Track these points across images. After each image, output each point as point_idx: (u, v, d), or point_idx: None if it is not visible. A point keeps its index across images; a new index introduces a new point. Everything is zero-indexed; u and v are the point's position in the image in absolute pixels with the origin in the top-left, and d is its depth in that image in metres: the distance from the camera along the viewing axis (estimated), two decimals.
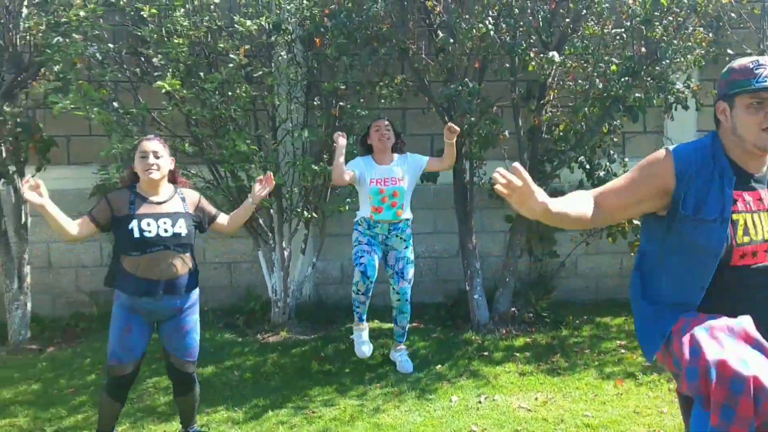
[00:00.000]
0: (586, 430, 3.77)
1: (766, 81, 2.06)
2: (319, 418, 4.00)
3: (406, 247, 4.60)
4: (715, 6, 5.33)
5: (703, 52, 5.51)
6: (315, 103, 5.36)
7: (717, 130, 2.23)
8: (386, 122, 4.56)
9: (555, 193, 6.10)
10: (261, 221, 5.52)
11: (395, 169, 4.50)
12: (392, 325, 4.88)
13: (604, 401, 4.14)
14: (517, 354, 4.96)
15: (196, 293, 3.48)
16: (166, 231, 3.26)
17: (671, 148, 2.22)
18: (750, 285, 2.12)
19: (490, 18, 4.62)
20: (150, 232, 3.24)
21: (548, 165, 5.61)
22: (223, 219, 3.64)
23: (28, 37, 4.92)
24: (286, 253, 5.55)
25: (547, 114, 5.52)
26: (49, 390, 4.46)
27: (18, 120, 5.08)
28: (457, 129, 4.35)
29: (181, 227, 3.31)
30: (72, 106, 4.59)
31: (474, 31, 4.54)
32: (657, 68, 5.16)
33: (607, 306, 6.16)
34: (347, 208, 5.40)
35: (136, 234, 3.22)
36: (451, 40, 4.77)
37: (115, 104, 4.95)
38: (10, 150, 5.18)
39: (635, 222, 5.73)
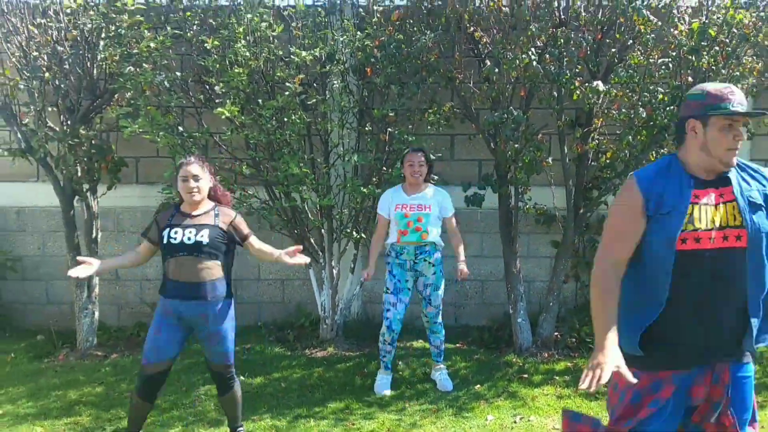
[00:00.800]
0: None
1: (739, 107, 2.28)
2: (358, 430, 4.18)
3: (434, 273, 4.77)
4: (766, 35, 5.33)
5: (754, 81, 5.51)
6: (367, 128, 5.60)
7: (679, 145, 2.44)
8: (421, 157, 4.73)
9: (601, 219, 6.18)
10: (312, 241, 5.78)
11: (423, 198, 4.71)
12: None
13: None
14: (557, 377, 5.03)
15: (225, 303, 3.70)
16: (189, 239, 3.54)
17: (634, 173, 2.45)
18: (707, 268, 2.31)
19: (533, 49, 4.76)
20: (175, 239, 3.55)
21: (595, 191, 5.70)
22: (254, 241, 3.83)
23: (103, 66, 5.33)
24: (335, 272, 5.78)
25: (594, 142, 5.60)
26: (110, 393, 4.79)
27: (92, 142, 5.51)
28: (465, 276, 4.68)
29: (203, 236, 3.56)
30: (140, 130, 4.98)
31: (517, 61, 4.70)
32: None
33: None
34: None
35: (165, 240, 3.56)
36: (496, 70, 4.95)
37: (180, 128, 5.32)
38: (84, 169, 5.59)
39: None
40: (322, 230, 5.73)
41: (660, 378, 2.38)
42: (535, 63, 4.72)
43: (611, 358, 2.23)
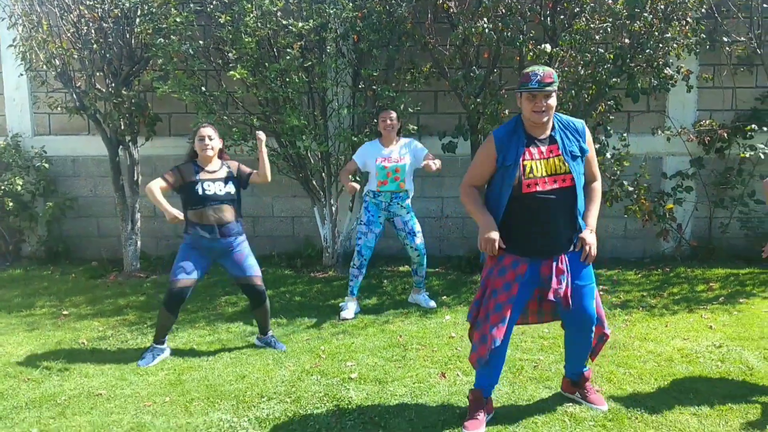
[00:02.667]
0: (540, 340, 4.88)
1: (536, 85, 3.26)
2: (342, 324, 5.33)
3: (408, 213, 5.64)
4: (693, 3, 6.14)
5: (693, 41, 6.38)
6: (360, 86, 6.65)
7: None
8: (392, 114, 5.56)
9: None
10: (314, 183, 6.90)
11: (399, 151, 5.56)
12: (408, 268, 6.09)
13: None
14: None
15: (242, 235, 4.77)
16: (220, 190, 4.60)
17: (493, 132, 3.46)
18: (541, 202, 3.35)
19: (485, 19, 5.71)
20: (209, 191, 4.58)
21: None
22: (255, 174, 4.83)
23: (139, 38, 6.47)
24: (334, 209, 6.91)
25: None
26: (150, 301, 6.04)
27: (132, 101, 6.68)
28: (433, 167, 5.38)
29: (230, 188, 4.65)
30: (170, 90, 6.12)
31: (473, 29, 5.68)
32: (640, 56, 6.10)
33: (611, 262, 7.15)
34: None
35: (200, 192, 4.56)
36: (460, 36, 5.94)
37: (203, 89, 6.44)
38: (126, 124, 6.78)
39: (629, 188, 6.72)
40: (323, 174, 6.84)
41: (518, 259, 3.46)
42: (487, 30, 5.68)
43: (495, 232, 3.33)
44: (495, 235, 3.34)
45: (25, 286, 6.62)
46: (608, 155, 6.69)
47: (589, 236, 3.48)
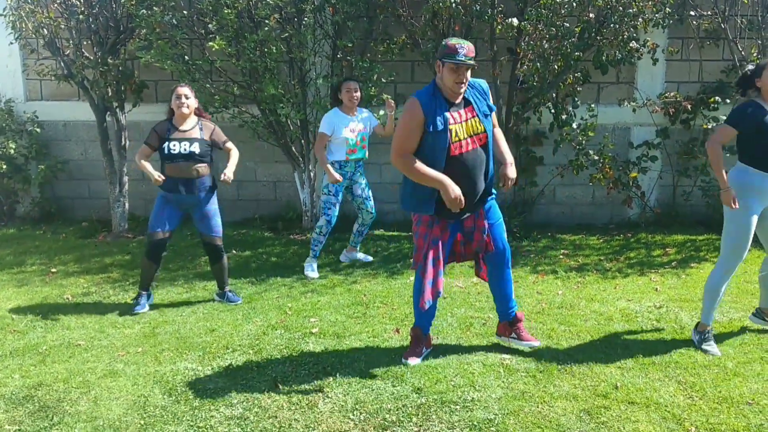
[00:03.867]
0: (492, 300, 5.21)
1: (462, 58, 3.55)
2: (312, 283, 5.69)
3: (363, 178, 5.99)
4: None
5: (659, 16, 6.59)
6: (338, 57, 6.90)
7: (436, 77, 3.72)
8: (356, 85, 5.74)
9: (537, 134, 7.43)
10: (294, 149, 7.19)
11: (361, 120, 5.83)
12: (394, 232, 6.47)
13: (521, 286, 5.56)
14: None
15: (212, 192, 5.12)
16: (185, 149, 4.92)
17: (416, 95, 3.70)
18: (466, 163, 3.71)
19: None
20: (174, 150, 4.92)
21: (524, 109, 6.96)
22: (228, 147, 5.19)
23: (125, 8, 6.71)
24: (312, 175, 7.22)
25: (523, 68, 6.79)
26: (135, 260, 6.40)
27: (119, 69, 6.95)
28: (393, 104, 5.65)
29: (195, 148, 4.94)
30: (152, 59, 6.38)
31: (441, 4, 5.91)
32: (605, 30, 6.33)
33: (579, 228, 7.47)
34: None
35: (166, 151, 4.92)
36: (431, 9, 6.17)
37: (186, 58, 6.70)
38: (113, 91, 7.06)
39: (594, 157, 7.01)
40: (302, 141, 7.12)
41: (447, 223, 3.87)
42: (454, 5, 5.91)
43: (457, 188, 3.62)
44: (459, 191, 3.62)
45: (18, 245, 6.99)
46: (575, 125, 6.96)
47: (510, 169, 3.86)
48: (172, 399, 3.64)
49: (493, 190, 3.96)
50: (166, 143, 4.95)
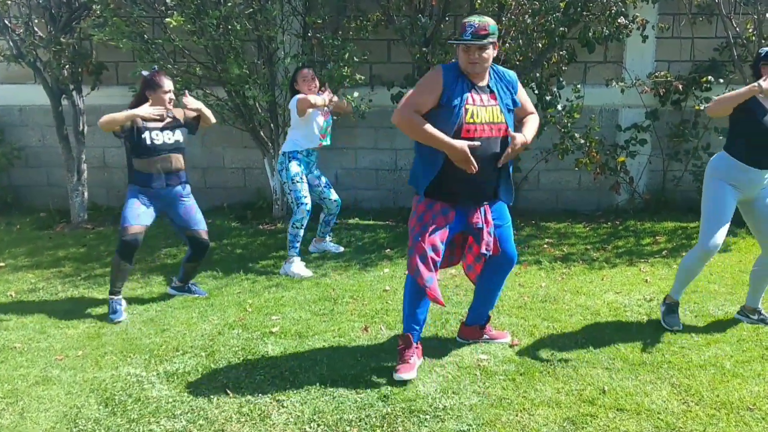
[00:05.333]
0: (473, 294, 4.83)
1: (470, 37, 3.23)
2: (277, 277, 5.29)
3: (317, 168, 5.60)
4: None
5: None
6: (308, 34, 6.47)
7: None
8: (311, 72, 5.34)
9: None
10: (263, 134, 6.76)
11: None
12: (370, 221, 6.12)
13: None
14: None
15: (188, 185, 4.70)
16: (169, 139, 4.50)
17: (442, 66, 3.40)
18: (473, 150, 3.30)
19: None
20: (158, 140, 4.46)
21: None
22: (198, 109, 4.69)
23: None
24: None
25: (505, 45, 6.38)
26: (90, 252, 5.98)
27: (74, 48, 6.49)
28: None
29: (179, 136, 4.55)
30: (107, 37, 5.92)
31: None
32: (592, 5, 5.93)
33: (564, 215, 7.10)
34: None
35: (148, 143, 4.43)
36: None
37: (146, 36, 6.25)
38: (69, 72, 6.60)
39: (580, 141, 6.63)
40: (271, 124, 6.70)
41: (447, 206, 3.46)
42: None
43: (463, 147, 3.25)
44: (466, 147, 3.27)
45: None
46: (559, 107, 6.58)
47: (520, 136, 3.41)
48: (108, 410, 3.25)
49: (507, 197, 3.67)
50: (147, 133, 4.44)
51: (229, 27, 5.99)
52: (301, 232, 5.46)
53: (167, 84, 4.54)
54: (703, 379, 3.48)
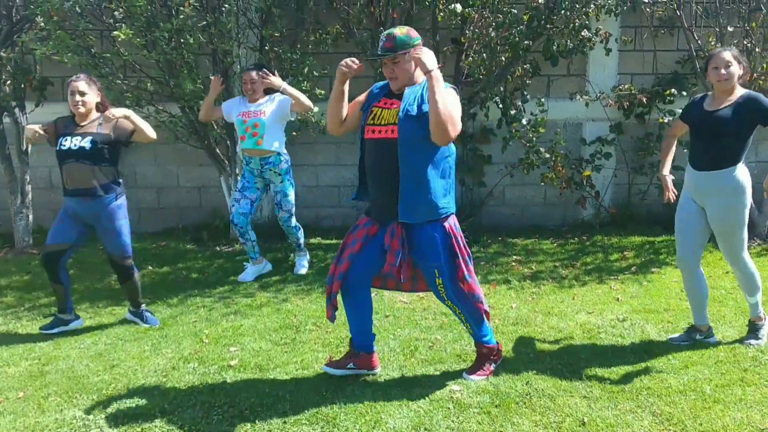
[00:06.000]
0: (441, 317, 4.64)
1: (379, 51, 3.23)
2: (236, 304, 5.01)
3: (282, 181, 5.33)
4: None
5: (612, 2, 6.13)
6: (266, 48, 6.22)
7: None
8: (252, 75, 5.20)
9: (484, 131, 6.90)
10: (219, 151, 6.49)
11: (260, 106, 5.22)
12: (332, 240, 5.96)
13: None
14: None
15: (116, 202, 4.33)
16: (75, 145, 4.19)
17: (377, 84, 3.46)
18: (372, 150, 3.32)
19: None
20: (65, 146, 4.20)
21: (470, 105, 6.41)
22: (138, 134, 4.35)
23: None
24: (240, 178, 6.51)
25: (469, 59, 6.24)
26: (35, 280, 5.60)
27: (16, 63, 6.13)
28: (272, 82, 5.09)
29: (86, 142, 4.19)
30: (50, 51, 5.59)
31: None
32: (556, 18, 5.83)
33: (530, 231, 6.97)
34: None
35: (58, 146, 4.22)
36: None
37: (93, 50, 5.93)
38: (11, 88, 6.24)
39: (545, 155, 6.51)
40: (228, 141, 6.44)
41: (370, 219, 3.44)
42: None
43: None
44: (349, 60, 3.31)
45: None
46: (524, 121, 6.45)
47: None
48: None
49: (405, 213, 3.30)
50: (60, 139, 4.25)
51: (182, 40, 5.73)
52: (243, 242, 5.48)
53: (75, 85, 4.27)
54: (684, 406, 3.33)
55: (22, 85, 6.30)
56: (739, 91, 3.80)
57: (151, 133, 4.39)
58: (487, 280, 5.45)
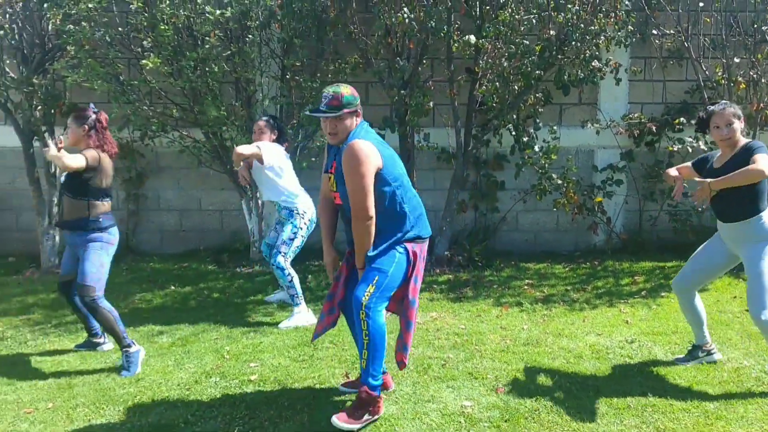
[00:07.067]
0: (454, 337, 4.78)
1: (323, 108, 3.36)
2: (256, 322, 5.17)
3: (286, 224, 5.18)
4: None
5: (622, 34, 6.32)
6: (287, 77, 6.47)
7: None
8: (260, 123, 5.29)
9: (497, 158, 7.08)
10: None
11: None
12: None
13: (484, 320, 5.16)
14: (436, 286, 6.01)
15: (90, 235, 4.21)
16: (62, 179, 4.35)
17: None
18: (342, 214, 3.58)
19: (406, 9, 5.57)
20: (61, 179, 4.39)
21: (484, 132, 6.61)
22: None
23: (51, 24, 6.19)
24: (261, 203, 6.74)
25: (482, 88, 6.43)
26: (61, 299, 5.75)
27: (47, 89, 6.41)
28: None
29: (65, 177, 4.27)
30: (80, 79, 5.86)
31: (393, 19, 5.54)
32: (567, 49, 6.02)
33: (543, 256, 7.11)
34: (305, 165, 6.47)
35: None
36: (387, 25, 5.79)
37: (121, 78, 6.20)
38: (42, 113, 6.51)
39: (558, 181, 6.67)
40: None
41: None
42: (408, 20, 5.54)
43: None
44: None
45: None
46: (536, 148, 6.63)
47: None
48: None
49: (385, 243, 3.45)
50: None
51: (207, 69, 5.98)
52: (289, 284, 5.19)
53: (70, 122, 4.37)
54: (687, 422, 3.44)
55: (52, 111, 6.56)
56: (741, 142, 3.80)
57: (70, 163, 4.12)
58: (500, 303, 5.58)
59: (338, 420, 3.36)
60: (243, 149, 4.93)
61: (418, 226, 3.52)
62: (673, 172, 4.12)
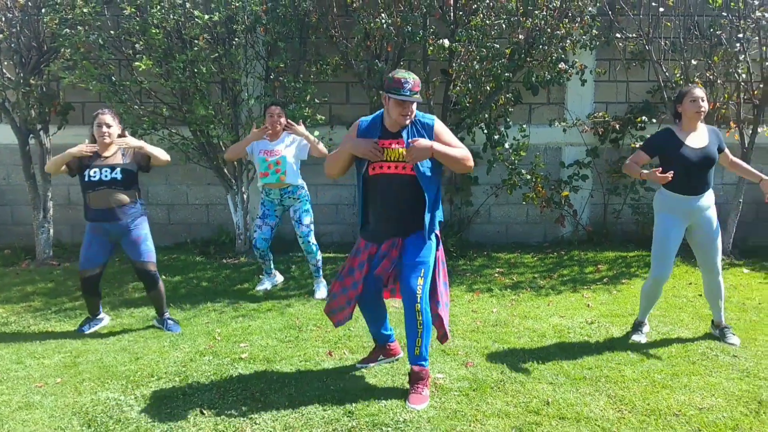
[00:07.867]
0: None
1: (408, 93, 3.54)
2: (244, 308, 5.54)
3: (301, 202, 5.74)
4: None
5: (587, 37, 6.75)
6: (271, 77, 6.83)
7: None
8: (278, 110, 5.62)
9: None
10: (226, 171, 7.05)
11: (280, 144, 5.64)
12: (330, 254, 6.43)
13: (456, 305, 5.55)
14: None
15: (140, 218, 4.89)
16: (106, 176, 4.71)
17: (361, 119, 3.81)
18: (382, 184, 3.72)
19: (384, 14, 5.96)
20: (95, 177, 4.71)
21: (458, 130, 7.00)
22: (149, 152, 4.87)
23: (47, 28, 6.49)
24: (246, 197, 7.09)
25: (456, 89, 6.83)
26: (58, 288, 6.13)
27: (42, 89, 6.71)
28: (296, 130, 5.57)
29: (116, 174, 4.74)
30: (76, 80, 6.18)
31: (372, 24, 5.92)
32: (534, 51, 6.45)
33: (513, 246, 7.53)
34: None
35: (87, 178, 4.71)
36: (366, 29, 6.17)
37: (114, 78, 6.52)
38: (37, 112, 6.81)
39: (527, 177, 7.08)
40: (234, 162, 7.00)
41: (369, 242, 3.86)
42: (386, 25, 5.92)
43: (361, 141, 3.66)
44: (362, 142, 3.66)
45: None
46: (507, 146, 7.05)
47: (422, 140, 3.61)
48: (91, 431, 3.46)
49: (432, 231, 3.80)
50: (87, 170, 4.74)
51: (195, 70, 6.31)
52: (260, 261, 5.96)
53: (102, 119, 4.76)
54: (636, 390, 3.86)
55: (47, 110, 6.87)
56: (702, 125, 4.43)
57: (165, 157, 4.93)
58: (472, 289, 5.99)
59: (414, 404, 3.70)
60: (324, 149, 5.61)
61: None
62: (645, 171, 4.35)
